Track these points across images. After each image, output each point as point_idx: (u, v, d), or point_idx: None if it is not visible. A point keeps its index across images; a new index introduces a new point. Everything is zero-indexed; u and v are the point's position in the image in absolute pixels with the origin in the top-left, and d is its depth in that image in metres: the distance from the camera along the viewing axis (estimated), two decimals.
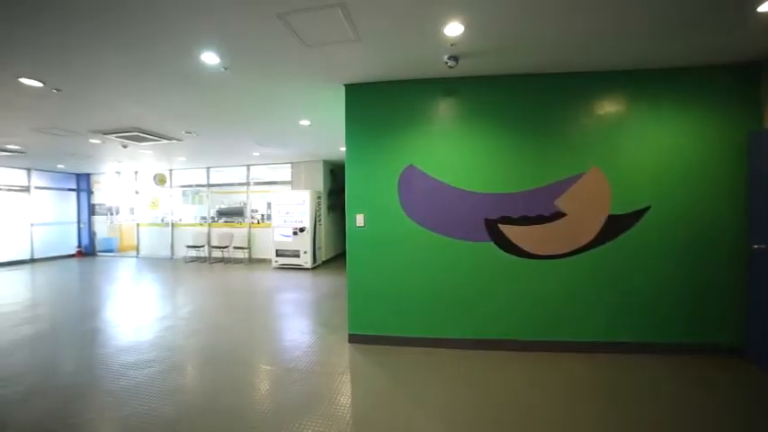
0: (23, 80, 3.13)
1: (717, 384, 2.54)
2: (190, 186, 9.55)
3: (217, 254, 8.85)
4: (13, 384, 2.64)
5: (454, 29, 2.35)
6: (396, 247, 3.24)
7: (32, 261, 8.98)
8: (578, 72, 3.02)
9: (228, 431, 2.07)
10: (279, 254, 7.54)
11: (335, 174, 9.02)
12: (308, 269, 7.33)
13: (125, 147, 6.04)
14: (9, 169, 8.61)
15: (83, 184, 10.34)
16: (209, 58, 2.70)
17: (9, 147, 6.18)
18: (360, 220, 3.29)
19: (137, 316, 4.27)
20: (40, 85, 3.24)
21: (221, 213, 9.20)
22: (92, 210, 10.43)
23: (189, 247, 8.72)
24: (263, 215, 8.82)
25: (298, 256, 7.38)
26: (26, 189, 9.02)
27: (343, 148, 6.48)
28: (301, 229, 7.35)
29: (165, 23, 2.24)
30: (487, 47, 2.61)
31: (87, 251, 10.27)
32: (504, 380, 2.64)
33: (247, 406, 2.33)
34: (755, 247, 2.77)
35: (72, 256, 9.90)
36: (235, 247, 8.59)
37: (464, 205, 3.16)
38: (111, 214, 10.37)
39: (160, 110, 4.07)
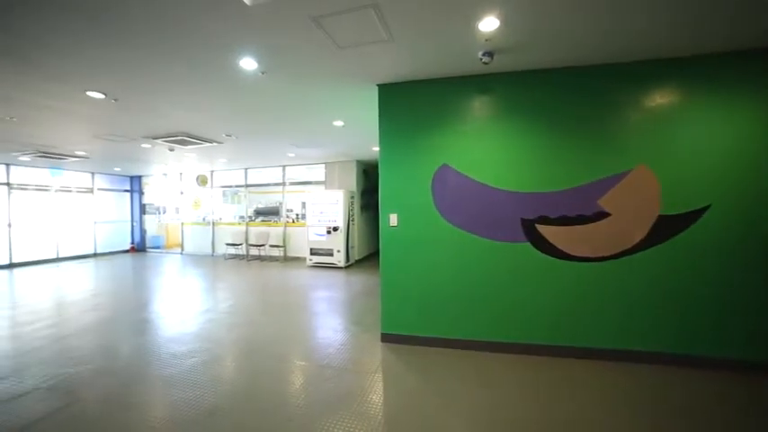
0: (90, 93, 3.47)
1: None
2: (229, 187, 10.02)
3: (254, 252, 9.21)
4: (84, 364, 2.95)
5: (489, 23, 2.28)
6: (429, 247, 3.21)
7: (95, 255, 9.88)
8: (623, 62, 2.82)
9: (265, 422, 2.15)
10: (313, 252, 7.71)
11: (368, 173, 9.10)
12: (341, 268, 7.45)
13: (171, 150, 6.48)
14: (77, 173, 9.55)
15: (135, 185, 11.20)
16: (248, 63, 2.82)
17: (77, 153, 6.84)
18: (393, 219, 3.30)
19: (182, 308, 4.56)
20: (102, 96, 3.56)
21: (258, 213, 9.57)
22: (143, 209, 11.28)
23: (228, 244, 9.15)
24: (297, 214, 9.06)
25: (331, 254, 7.51)
26: (90, 190, 9.95)
27: (376, 148, 6.64)
28: (335, 229, 7.47)
29: (207, 33, 2.37)
30: (524, 41, 2.52)
31: (139, 247, 11.13)
32: (541, 386, 2.53)
33: (282, 400, 2.41)
34: None
35: (126, 251, 10.78)
36: (271, 246, 8.91)
37: (500, 205, 3.07)
38: (159, 213, 11.16)
39: (203, 114, 4.31)
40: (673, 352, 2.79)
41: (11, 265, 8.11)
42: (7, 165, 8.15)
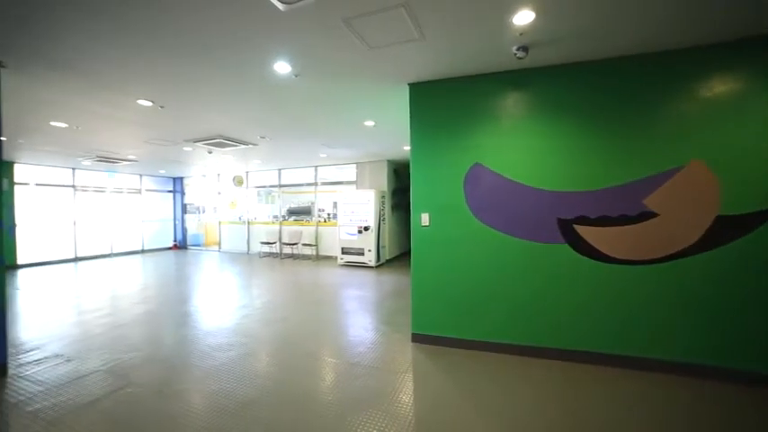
0: (140, 101, 3.74)
1: None
2: (263, 187, 10.38)
3: (287, 250, 9.48)
4: (135, 351, 3.20)
5: (524, 17, 2.21)
6: (461, 248, 3.16)
7: (142, 252, 10.62)
8: (672, 50, 2.61)
9: (297, 417, 2.21)
10: (344, 251, 7.81)
11: (399, 173, 9.11)
12: (371, 267, 7.50)
13: (210, 152, 6.82)
14: (127, 175, 10.32)
15: (178, 186, 11.92)
16: (282, 67, 2.91)
17: (128, 156, 7.39)
18: (425, 219, 3.27)
19: (220, 303, 4.78)
20: (151, 104, 3.82)
21: (291, 212, 9.84)
22: (184, 209, 11.97)
23: (263, 243, 9.48)
24: (329, 214, 9.21)
25: (362, 254, 7.58)
26: (138, 191, 10.71)
27: (407, 148, 6.64)
28: (366, 228, 7.53)
29: (243, 40, 2.47)
30: (561, 33, 2.41)
31: (181, 245, 11.83)
32: (578, 394, 2.41)
33: (314, 395, 2.46)
34: None
35: (169, 248, 11.49)
36: (303, 244, 9.13)
37: (535, 204, 2.96)
38: (199, 213, 11.80)
39: (239, 117, 4.50)
40: (731, 367, 2.55)
41: (76, 259, 8.94)
42: (73, 169, 8.96)
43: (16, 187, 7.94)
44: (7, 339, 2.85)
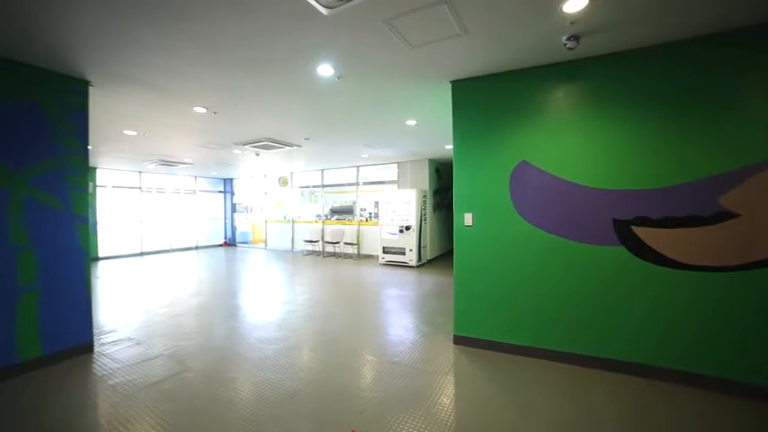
0: (196, 108, 4.04)
1: None
2: (307, 187, 10.74)
3: (329, 249, 9.71)
4: (191, 339, 3.46)
5: (575, 4, 2.07)
6: (506, 249, 3.04)
7: (196, 248, 11.49)
8: (756, 25, 2.30)
9: (338, 410, 2.26)
10: (385, 251, 7.86)
11: (441, 172, 8.99)
12: (412, 267, 7.47)
13: (257, 155, 7.20)
14: (183, 177, 11.21)
15: (228, 186, 12.73)
16: (325, 70, 2.99)
17: (185, 160, 8.03)
18: (468, 219, 3.20)
19: (265, 298, 5.03)
20: (205, 110, 4.12)
21: (333, 211, 10.07)
22: (233, 208, 12.76)
23: (306, 241, 9.82)
24: (370, 213, 9.30)
25: (403, 253, 7.57)
26: (193, 192, 11.60)
27: (449, 146, 6.54)
28: (407, 228, 7.52)
29: (289, 45, 2.57)
30: (617, 18, 2.22)
31: (230, 242, 12.63)
32: (630, 410, 2.21)
33: (355, 392, 2.50)
34: None
35: (220, 245, 12.31)
36: (345, 243, 9.31)
37: (587, 204, 2.77)
38: (247, 212, 12.51)
39: (284, 120, 4.70)
40: None
41: (141, 254, 9.90)
42: (140, 172, 9.93)
43: (97, 189, 9.02)
44: (92, 322, 3.23)
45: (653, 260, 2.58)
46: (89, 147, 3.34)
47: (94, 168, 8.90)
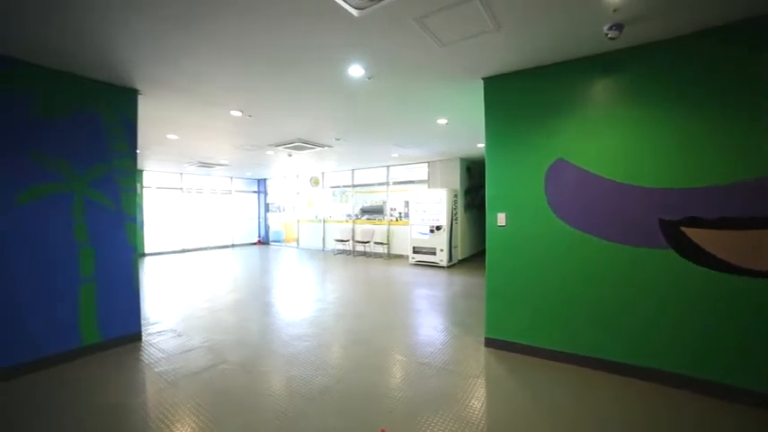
0: (232, 112, 4.23)
1: None
2: (338, 187, 10.91)
3: (360, 248, 9.77)
4: (228, 333, 3.63)
5: None
6: (541, 250, 2.93)
7: (232, 246, 12.03)
8: None
9: (368, 409, 2.28)
10: (415, 251, 7.81)
11: (472, 171, 8.82)
12: (443, 267, 7.38)
13: (290, 156, 7.41)
14: (220, 178, 11.77)
15: (261, 187, 13.21)
16: (356, 70, 3.02)
17: (221, 161, 8.43)
18: (501, 219, 3.11)
19: (297, 296, 5.17)
20: (240, 114, 4.30)
21: (364, 211, 10.15)
22: (267, 208, 13.22)
23: (337, 240, 9.98)
24: (400, 213, 9.28)
25: (434, 253, 7.50)
26: (229, 192, 12.15)
27: (481, 145, 6.41)
28: (438, 228, 7.43)
29: (320, 47, 2.62)
30: (667, 2, 2.07)
31: (264, 241, 13.10)
32: (687, 427, 2.05)
33: (384, 391, 2.51)
34: None
35: (254, 244, 12.81)
36: (375, 243, 9.34)
37: (629, 203, 2.60)
38: (280, 211, 12.92)
39: (316, 122, 4.81)
40: None
41: (182, 251, 10.52)
42: (180, 174, 10.55)
43: (143, 190, 9.70)
44: (140, 313, 3.48)
45: (706, 264, 2.37)
46: (137, 150, 3.59)
47: (141, 171, 9.57)
